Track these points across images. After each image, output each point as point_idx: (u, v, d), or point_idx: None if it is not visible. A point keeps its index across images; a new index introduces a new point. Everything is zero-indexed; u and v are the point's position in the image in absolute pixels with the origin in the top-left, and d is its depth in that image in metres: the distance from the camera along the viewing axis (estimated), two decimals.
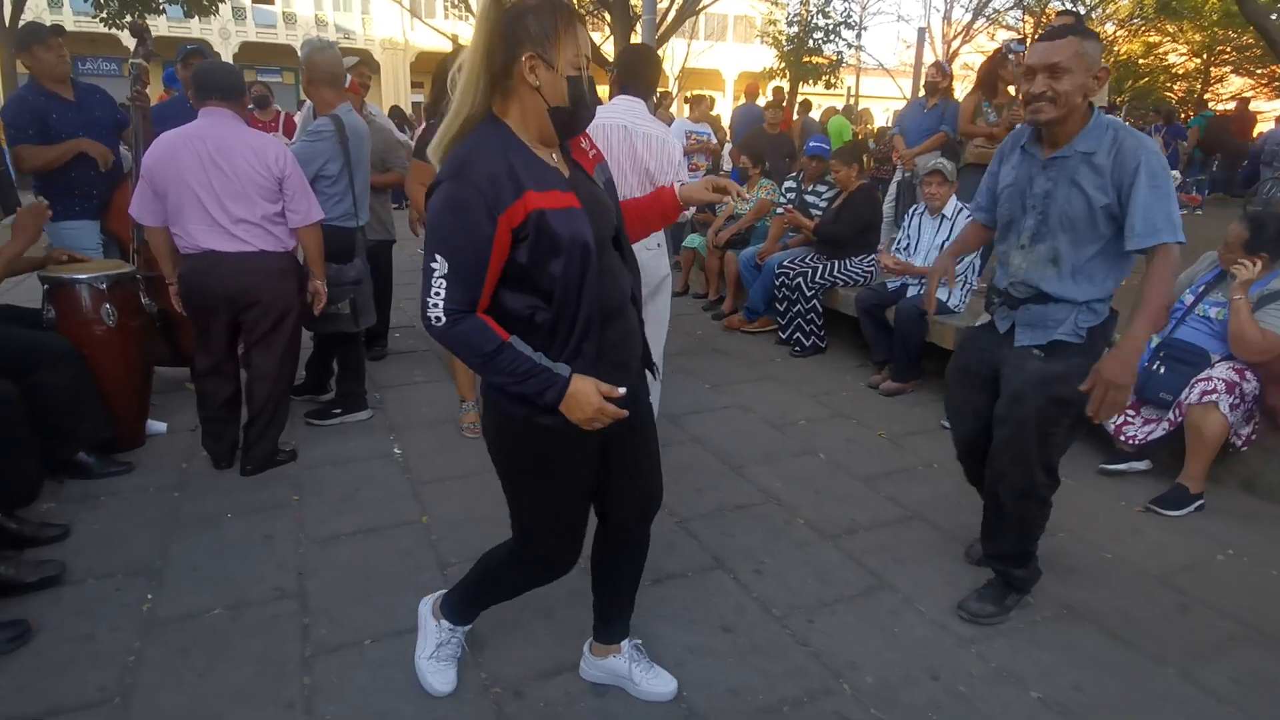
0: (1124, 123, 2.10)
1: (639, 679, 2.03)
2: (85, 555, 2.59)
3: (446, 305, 1.47)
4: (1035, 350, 2.15)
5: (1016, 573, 2.38)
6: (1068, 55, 1.95)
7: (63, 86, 3.62)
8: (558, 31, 1.48)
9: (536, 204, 1.47)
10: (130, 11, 12.99)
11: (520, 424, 1.63)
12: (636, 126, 2.86)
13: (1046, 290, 2.13)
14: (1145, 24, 20.28)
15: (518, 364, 1.52)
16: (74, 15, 22.72)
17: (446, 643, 2.04)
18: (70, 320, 3.10)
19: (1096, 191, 2.01)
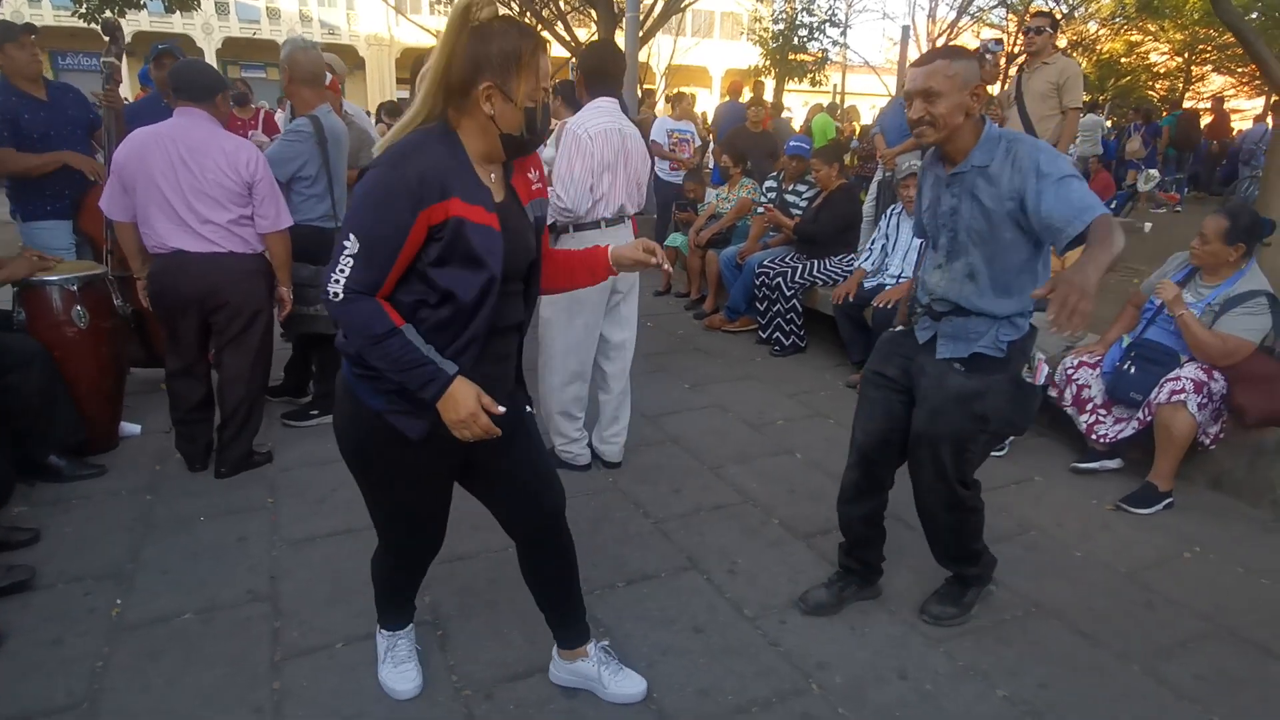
0: (1014, 131, 2.10)
1: (607, 681, 2.03)
2: (56, 559, 2.57)
3: (348, 283, 1.49)
4: (956, 364, 2.14)
5: (970, 570, 2.40)
6: (939, 79, 1.96)
7: (35, 86, 3.58)
8: (521, 63, 1.50)
9: (459, 212, 1.50)
10: (110, 6, 12.84)
11: (373, 419, 1.63)
12: (626, 128, 2.99)
13: (966, 306, 2.11)
14: (1127, 23, 20.40)
15: (405, 352, 1.52)
16: (53, 9, 22.48)
17: (392, 647, 2.07)
18: (41, 322, 3.07)
19: (994, 203, 2.00)
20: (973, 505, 2.29)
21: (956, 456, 2.17)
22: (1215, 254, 3.15)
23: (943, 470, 2.17)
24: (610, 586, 2.54)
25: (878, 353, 2.40)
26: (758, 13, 20.28)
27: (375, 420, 1.62)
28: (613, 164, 2.94)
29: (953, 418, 2.13)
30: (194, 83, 2.94)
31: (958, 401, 2.12)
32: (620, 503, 3.10)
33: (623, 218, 3.08)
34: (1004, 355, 2.12)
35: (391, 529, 1.88)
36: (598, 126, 2.90)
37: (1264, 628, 2.41)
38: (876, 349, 2.42)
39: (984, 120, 2.07)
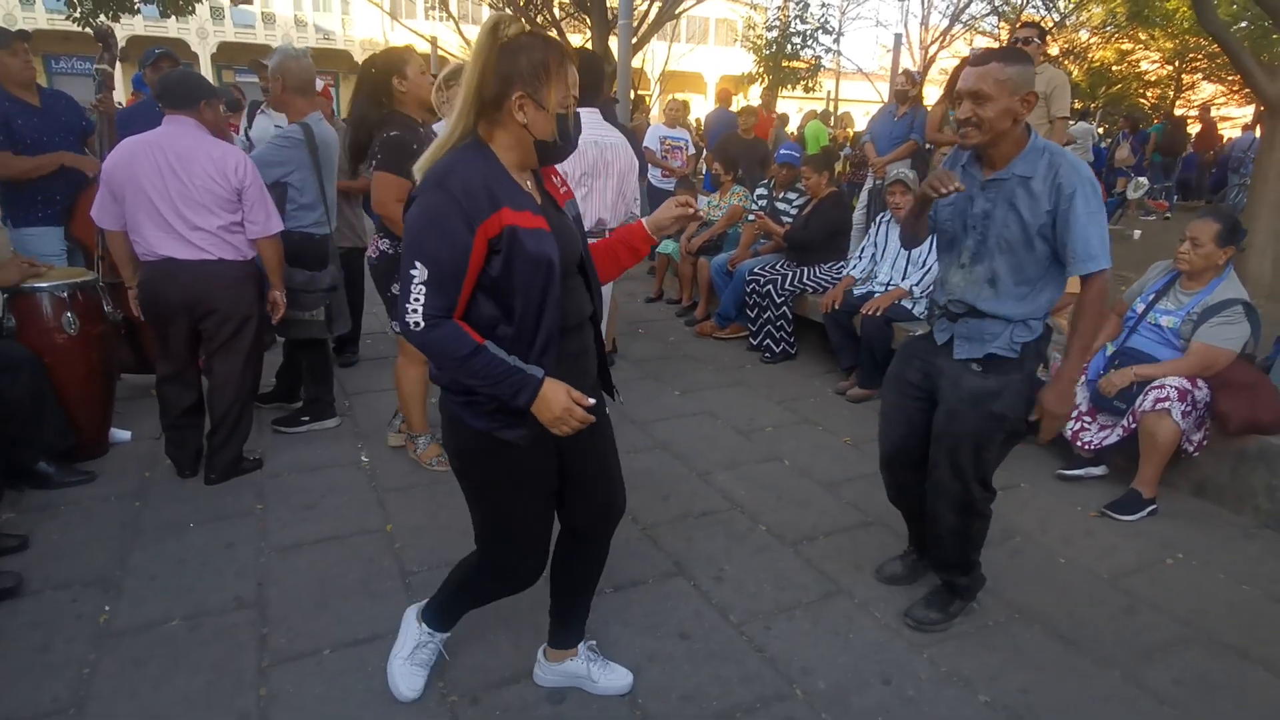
0: (1059, 146, 2.13)
1: (596, 676, 2.09)
2: (43, 566, 2.58)
3: (426, 311, 1.54)
4: (973, 365, 2.19)
5: (960, 580, 2.42)
6: (990, 82, 1.98)
7: (27, 92, 3.59)
8: (550, 71, 1.56)
9: (511, 220, 1.56)
10: (104, 11, 12.83)
11: (481, 438, 1.69)
12: (604, 139, 2.94)
13: (982, 309, 2.16)
14: (1118, 31, 20.55)
15: (493, 366, 1.57)
16: (47, 14, 22.46)
17: (423, 645, 2.08)
18: (31, 329, 3.08)
19: (1031, 215, 2.04)
20: (983, 510, 2.31)
21: (974, 455, 2.21)
22: (1209, 257, 3.18)
23: (960, 469, 2.21)
24: (597, 593, 2.49)
25: (900, 357, 2.44)
26: (751, 20, 20.37)
27: (482, 440, 1.69)
28: (587, 177, 2.91)
29: (970, 417, 2.18)
30: (177, 91, 2.96)
31: (974, 401, 2.17)
32: None
33: (601, 231, 3.04)
34: (1018, 356, 2.17)
35: (502, 551, 1.89)
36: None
37: (1243, 633, 2.44)
38: (898, 354, 2.47)
39: (1028, 128, 2.09)
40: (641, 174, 4.40)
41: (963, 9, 20.83)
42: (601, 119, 3.01)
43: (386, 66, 2.99)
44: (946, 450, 2.22)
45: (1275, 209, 5.62)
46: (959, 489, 2.24)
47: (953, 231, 2.24)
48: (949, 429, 2.21)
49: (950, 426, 2.21)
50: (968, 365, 2.20)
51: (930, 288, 4.43)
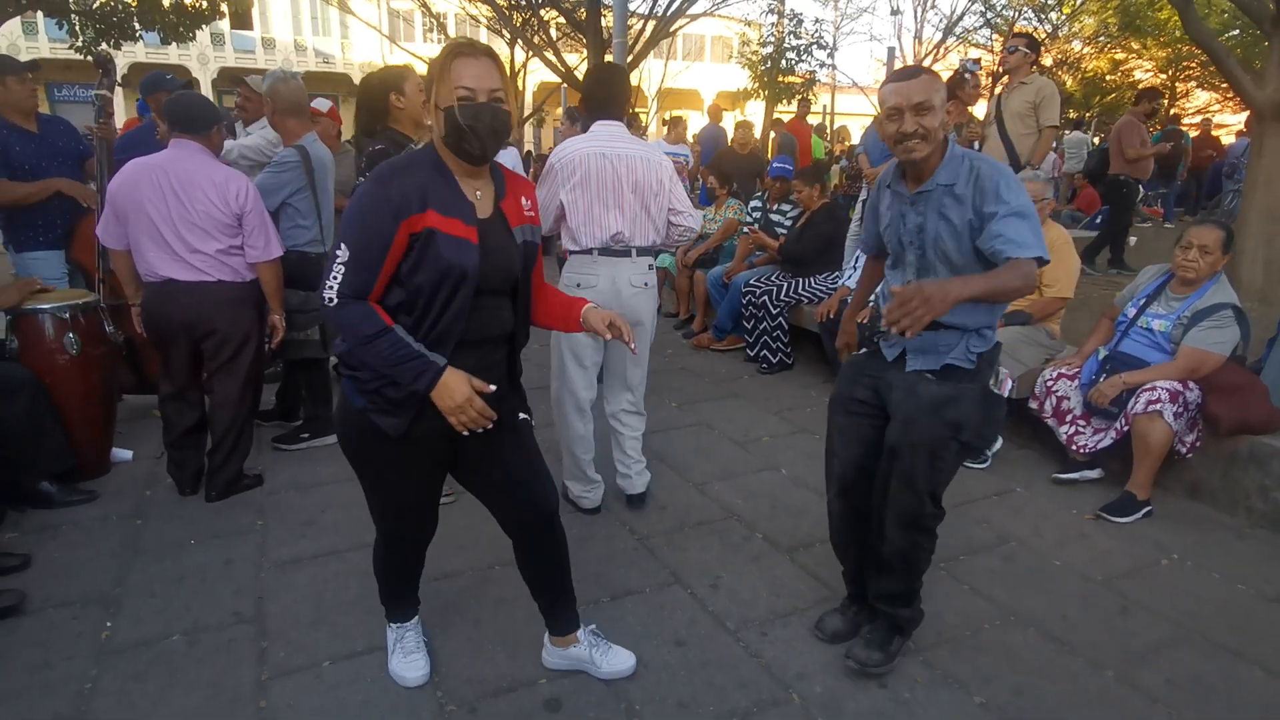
0: (976, 151, 2.13)
1: (599, 661, 2.17)
2: (44, 585, 2.60)
3: (340, 289, 1.67)
4: (928, 374, 2.14)
5: (902, 613, 2.28)
6: (929, 93, 1.98)
7: (26, 120, 3.65)
8: (438, 73, 1.69)
9: (434, 223, 1.67)
10: (106, 39, 13.01)
11: (359, 417, 1.80)
12: (614, 150, 2.84)
13: (939, 320, 2.02)
14: (1111, 41, 20.74)
15: (396, 349, 1.68)
16: (49, 41, 22.74)
17: (400, 639, 2.20)
18: (33, 350, 3.12)
19: (960, 219, 2.03)
20: (931, 527, 2.20)
21: (929, 465, 2.12)
22: (1216, 264, 3.21)
23: (912, 480, 2.12)
24: (594, 602, 2.57)
25: (844, 377, 2.36)
26: (746, 36, 20.56)
27: (360, 418, 1.80)
28: (586, 189, 2.82)
29: (926, 425, 2.10)
30: (189, 116, 3.01)
31: (930, 409, 2.10)
32: (606, 520, 3.13)
33: (628, 250, 2.91)
34: (974, 366, 2.13)
35: (383, 518, 2.03)
36: (570, 152, 2.84)
37: (1236, 633, 2.45)
38: (842, 374, 2.38)
39: (947, 139, 2.09)
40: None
41: (955, 22, 21.04)
42: (625, 133, 2.92)
43: (384, 84, 3.00)
44: (900, 460, 2.13)
45: (1265, 215, 5.65)
46: (911, 502, 2.14)
47: (894, 250, 2.22)
48: (904, 438, 2.12)
49: (905, 435, 2.12)
50: (922, 375, 2.14)
51: None
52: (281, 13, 28.48)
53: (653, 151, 2.98)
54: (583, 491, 3.16)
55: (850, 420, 2.30)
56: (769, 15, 18.89)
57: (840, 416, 2.34)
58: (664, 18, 12.98)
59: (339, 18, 28.15)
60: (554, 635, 2.20)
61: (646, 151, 2.94)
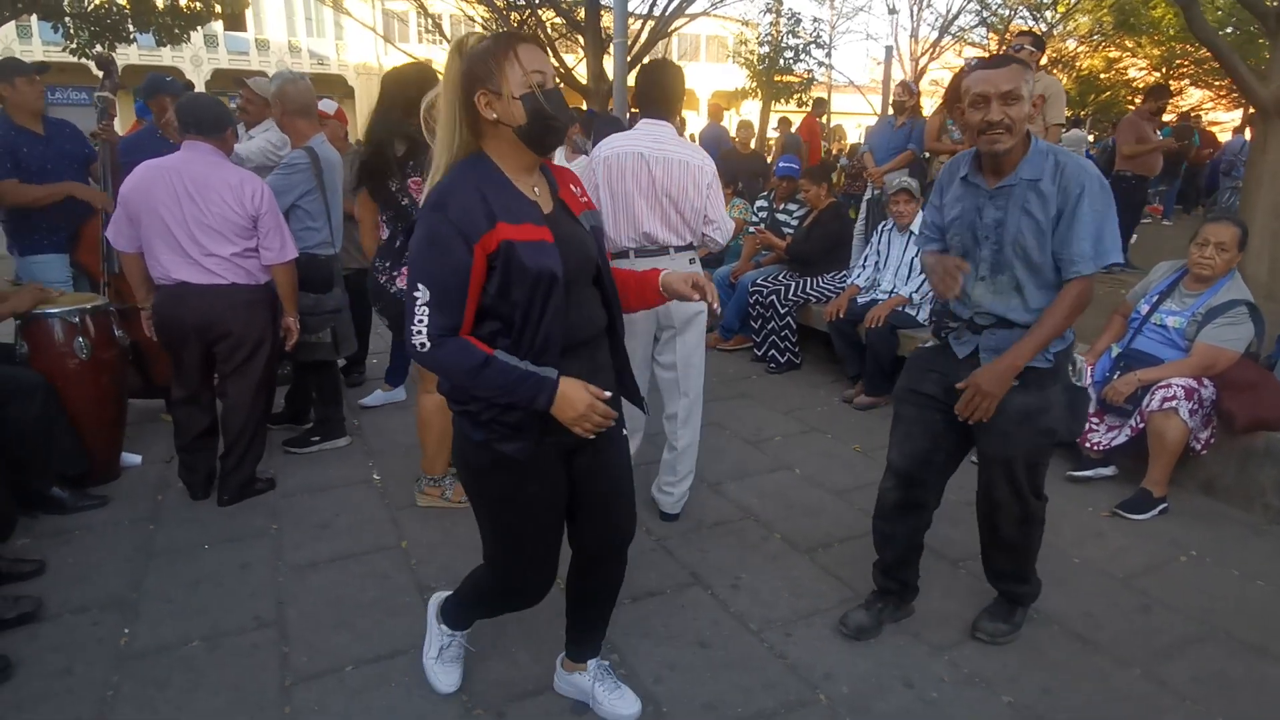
0: (1061, 147, 2.12)
1: (601, 698, 2.06)
2: (61, 590, 2.58)
3: (431, 331, 1.56)
4: (1012, 380, 2.10)
5: (1022, 589, 2.40)
6: (1018, 83, 1.95)
7: (34, 121, 3.63)
8: (497, 62, 1.57)
9: (507, 235, 1.56)
10: (100, 41, 12.95)
11: (482, 451, 1.70)
12: (654, 152, 2.79)
13: (1013, 319, 2.11)
14: (1105, 40, 20.81)
15: (506, 374, 1.57)
16: (43, 45, 22.61)
17: (448, 646, 2.13)
18: (44, 354, 3.09)
19: (1045, 217, 2.00)
20: (1042, 518, 2.30)
21: (1030, 472, 2.19)
22: (1231, 261, 3.22)
23: (1019, 488, 2.19)
24: (616, 604, 2.55)
25: (911, 370, 2.36)
26: (743, 35, 20.58)
27: (482, 452, 1.70)
28: (618, 187, 2.80)
29: (1023, 437, 2.13)
30: (204, 117, 2.98)
31: (1024, 420, 2.11)
32: None
33: (664, 249, 2.88)
34: (1053, 365, 2.12)
35: (507, 567, 1.89)
36: (609, 149, 2.83)
37: (1258, 629, 2.45)
38: (908, 367, 2.38)
39: (1029, 133, 2.05)
40: None
41: (951, 21, 21.10)
42: (671, 134, 2.86)
43: (423, 80, 2.86)
44: (1003, 471, 2.18)
45: (1270, 211, 5.67)
46: (1019, 507, 2.22)
47: (963, 245, 2.17)
48: (1004, 451, 2.16)
49: (1005, 449, 2.15)
50: None
51: (931, 295, 4.48)
52: (275, 14, 28.40)
53: (695, 155, 2.89)
54: None
55: (918, 414, 2.30)
56: (766, 15, 18.92)
57: (908, 409, 2.34)
58: (663, 17, 12.96)
59: (333, 19, 28.07)
60: (568, 659, 2.12)
61: (689, 155, 2.86)
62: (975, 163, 2.13)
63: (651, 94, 2.92)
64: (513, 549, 1.84)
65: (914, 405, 2.32)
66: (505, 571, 1.90)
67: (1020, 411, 2.11)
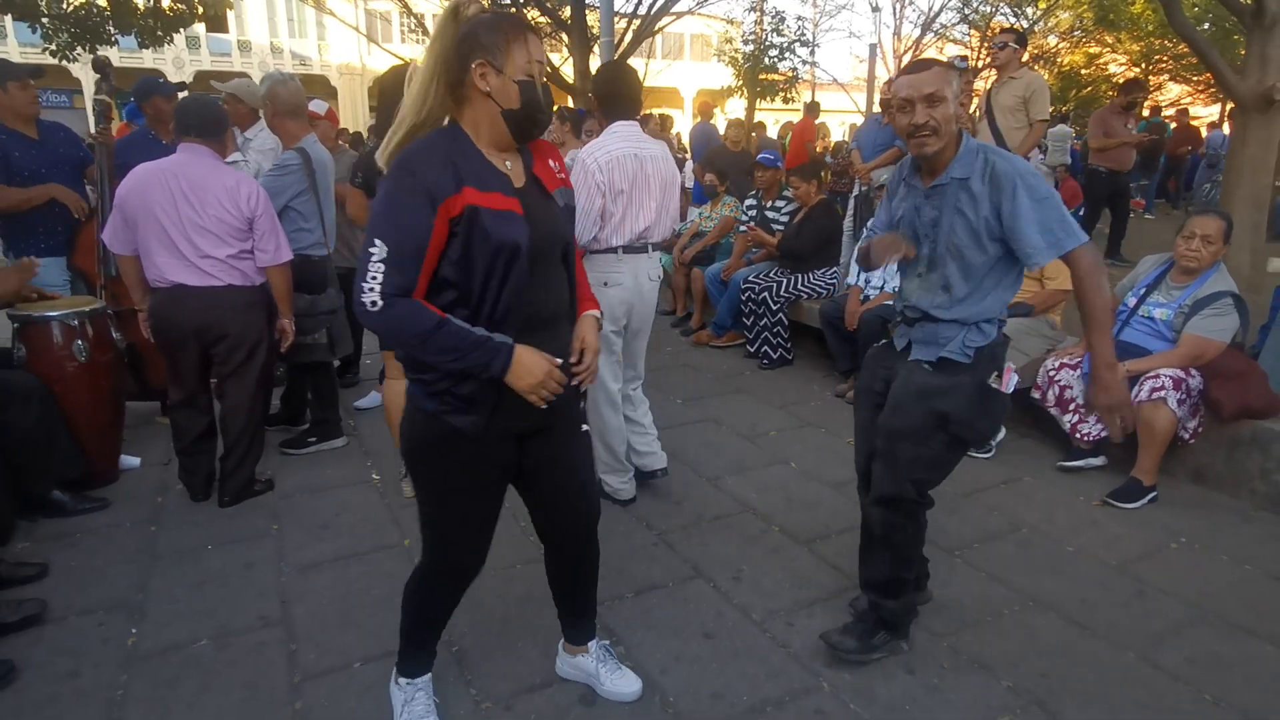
0: (991, 145, 2.12)
1: (604, 679, 2.11)
2: (65, 593, 2.58)
3: (383, 289, 1.51)
4: (925, 365, 2.16)
5: (887, 604, 2.25)
6: (941, 84, 1.97)
7: (27, 126, 3.61)
8: (507, 40, 1.57)
9: (473, 200, 1.55)
10: (81, 43, 12.81)
11: (432, 424, 1.67)
12: (644, 152, 2.92)
13: (936, 315, 2.13)
14: (1085, 36, 21.05)
15: (460, 338, 1.55)
16: (19, 46, 22.32)
17: (410, 700, 1.98)
18: (42, 357, 3.08)
19: (975, 215, 2.03)
20: (910, 512, 2.19)
21: (911, 452, 2.13)
22: (1217, 253, 3.27)
23: (894, 463, 2.14)
24: (619, 598, 2.59)
25: (865, 369, 2.39)
26: (728, 34, 20.64)
27: (432, 421, 1.67)
28: (627, 191, 2.86)
29: (912, 412, 2.12)
30: (206, 119, 2.99)
31: (919, 397, 2.12)
32: (622, 516, 3.15)
33: (645, 246, 3.01)
34: (970, 361, 2.12)
35: (441, 540, 1.84)
36: (607, 154, 2.85)
37: (1249, 611, 2.51)
38: (864, 366, 2.41)
39: (960, 133, 2.09)
40: None
41: (933, 18, 21.25)
42: (641, 132, 2.98)
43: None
44: (884, 442, 2.15)
45: (1249, 202, 5.78)
46: (890, 483, 2.15)
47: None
48: (890, 422, 2.15)
49: (891, 420, 2.15)
50: (919, 365, 2.17)
51: None
52: (257, 15, 28.19)
53: (664, 149, 3.07)
54: (620, 484, 3.22)
55: (867, 413, 2.32)
56: (750, 13, 18.98)
57: (862, 410, 2.36)
58: (649, 16, 12.98)
59: (315, 19, 27.89)
60: (568, 643, 2.16)
61: (664, 151, 3.05)
62: (914, 164, 2.18)
63: (617, 96, 2.98)
64: (452, 527, 1.81)
65: (865, 405, 2.32)
66: (442, 551, 1.85)
67: (919, 388, 2.12)
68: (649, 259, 3.04)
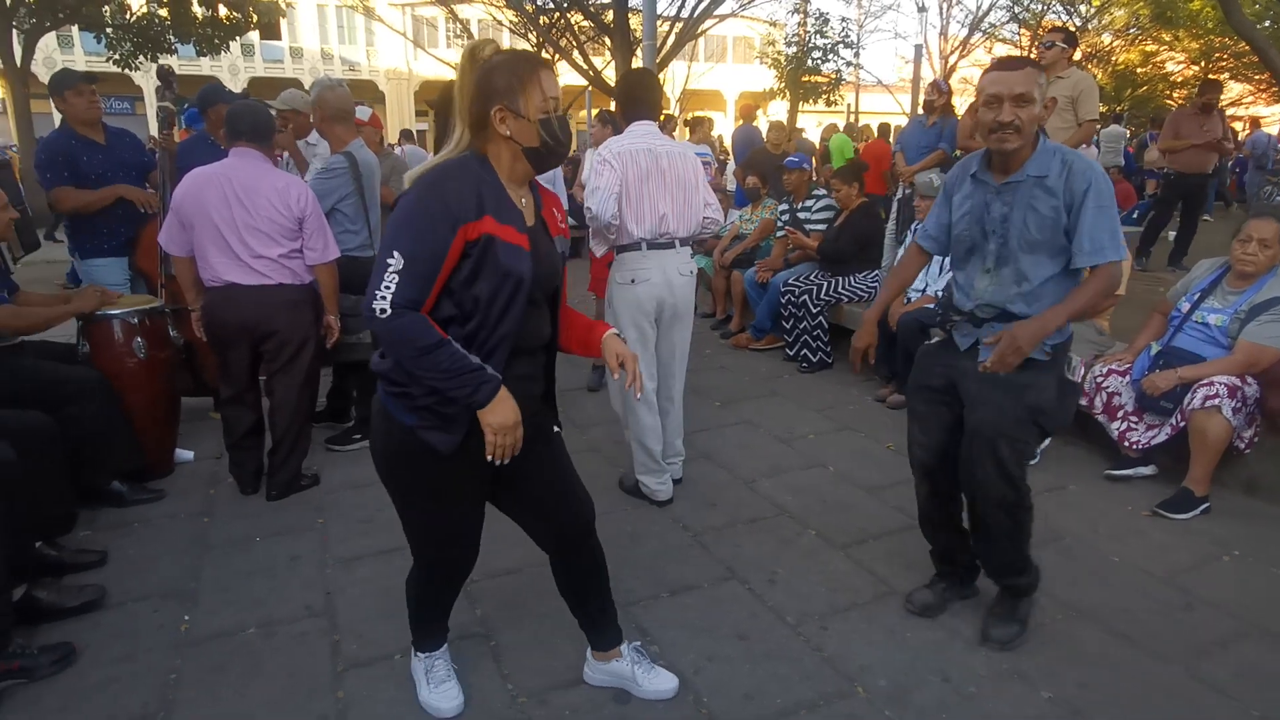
0: (1068, 147, 2.15)
1: (641, 679, 2.13)
2: (122, 580, 2.69)
3: (394, 299, 1.57)
4: None
5: (1021, 581, 2.38)
6: (1030, 85, 2.02)
7: (93, 130, 3.77)
8: (523, 82, 1.64)
9: (491, 230, 1.62)
10: (143, 52, 13.31)
11: (406, 438, 1.71)
12: (660, 148, 3.04)
13: (1013, 311, 2.16)
14: (1142, 33, 20.46)
15: (455, 361, 1.60)
16: (85, 55, 23.24)
17: (430, 669, 2.11)
18: (104, 354, 3.23)
19: (1052, 212, 2.08)
20: (1028, 504, 2.29)
21: (1013, 449, 2.19)
22: (1275, 257, 3.19)
23: (1002, 465, 2.18)
24: (654, 597, 2.61)
25: (918, 367, 2.44)
26: (771, 36, 20.54)
27: (407, 436, 1.71)
28: (640, 182, 2.98)
29: (1008, 411, 2.16)
30: (255, 125, 3.10)
31: (1011, 394, 2.16)
32: (658, 517, 3.17)
33: (671, 242, 3.07)
34: (1048, 358, 2.18)
35: (425, 546, 1.94)
36: (620, 147, 2.99)
37: None
38: (917, 363, 2.45)
39: (1038, 133, 2.13)
40: None
41: (982, 17, 20.86)
42: (658, 131, 3.10)
43: None
44: (987, 447, 2.18)
45: None
46: (1004, 485, 2.21)
47: (971, 239, 2.24)
48: (987, 424, 2.18)
49: (988, 422, 2.18)
50: None
51: None
52: (309, 22, 28.95)
53: (686, 148, 3.19)
54: (657, 484, 3.24)
55: (929, 409, 2.37)
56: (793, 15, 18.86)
57: (919, 405, 2.41)
58: (691, 19, 13.00)
59: (364, 25, 28.53)
60: (596, 650, 2.16)
61: (681, 148, 3.16)
62: (985, 160, 2.21)
63: (638, 98, 3.15)
64: (431, 535, 1.90)
65: (924, 401, 2.39)
66: (430, 555, 1.95)
67: (1008, 384, 2.15)
68: (677, 254, 3.10)
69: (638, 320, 3.08)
